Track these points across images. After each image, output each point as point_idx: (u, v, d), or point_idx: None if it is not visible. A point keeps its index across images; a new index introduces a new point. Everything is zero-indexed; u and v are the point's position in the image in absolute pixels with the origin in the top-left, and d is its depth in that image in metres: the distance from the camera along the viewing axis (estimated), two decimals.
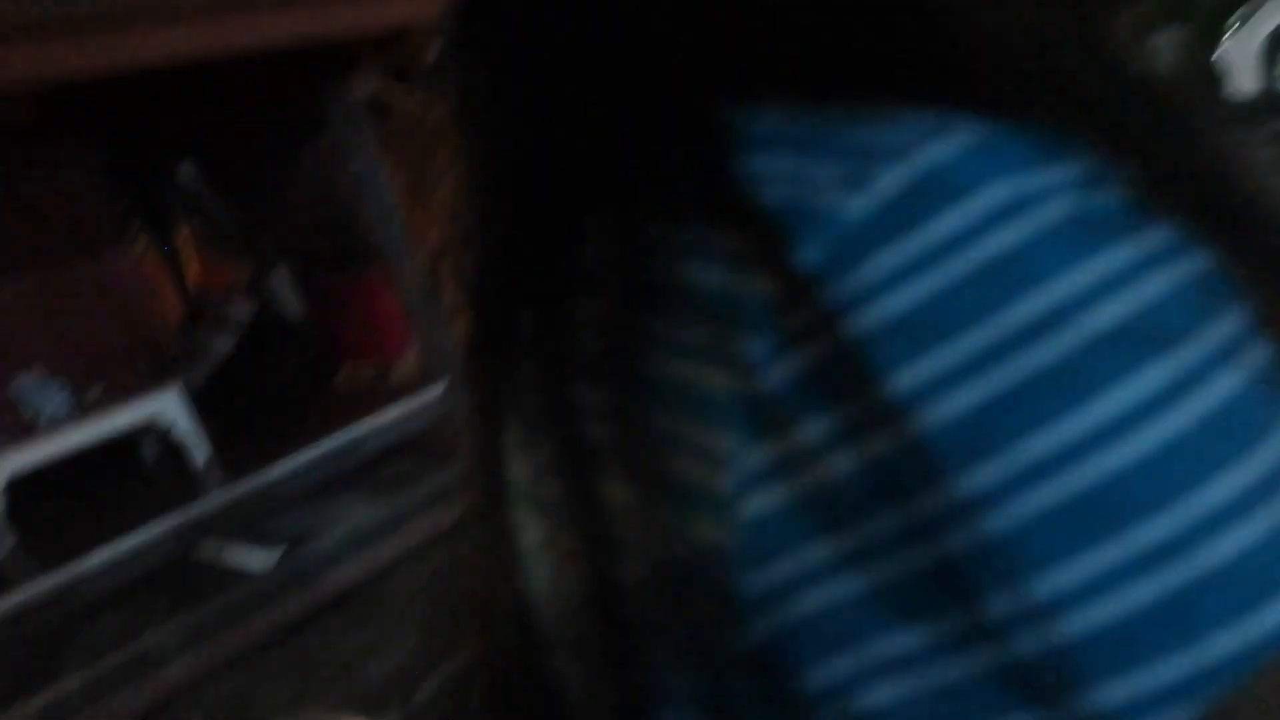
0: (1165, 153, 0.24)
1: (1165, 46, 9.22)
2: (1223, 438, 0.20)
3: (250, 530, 4.26)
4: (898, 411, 0.21)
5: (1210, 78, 7.82)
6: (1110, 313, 0.21)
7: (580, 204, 0.28)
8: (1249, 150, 0.26)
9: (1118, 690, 0.20)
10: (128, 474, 4.75)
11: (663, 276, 0.24)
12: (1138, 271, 0.21)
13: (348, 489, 4.69)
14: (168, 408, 4.44)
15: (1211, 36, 8.03)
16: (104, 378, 4.64)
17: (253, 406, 4.96)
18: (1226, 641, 0.20)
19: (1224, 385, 0.21)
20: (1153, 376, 0.20)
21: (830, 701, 0.22)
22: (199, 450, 4.50)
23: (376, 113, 5.34)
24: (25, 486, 4.02)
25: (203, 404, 4.60)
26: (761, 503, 0.22)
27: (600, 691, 0.27)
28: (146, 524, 3.91)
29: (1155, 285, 0.21)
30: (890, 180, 0.22)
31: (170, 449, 4.61)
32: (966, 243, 0.21)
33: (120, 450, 4.62)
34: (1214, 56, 7.83)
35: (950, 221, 0.21)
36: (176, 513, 4.02)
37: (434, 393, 4.90)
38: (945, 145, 0.22)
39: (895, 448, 0.21)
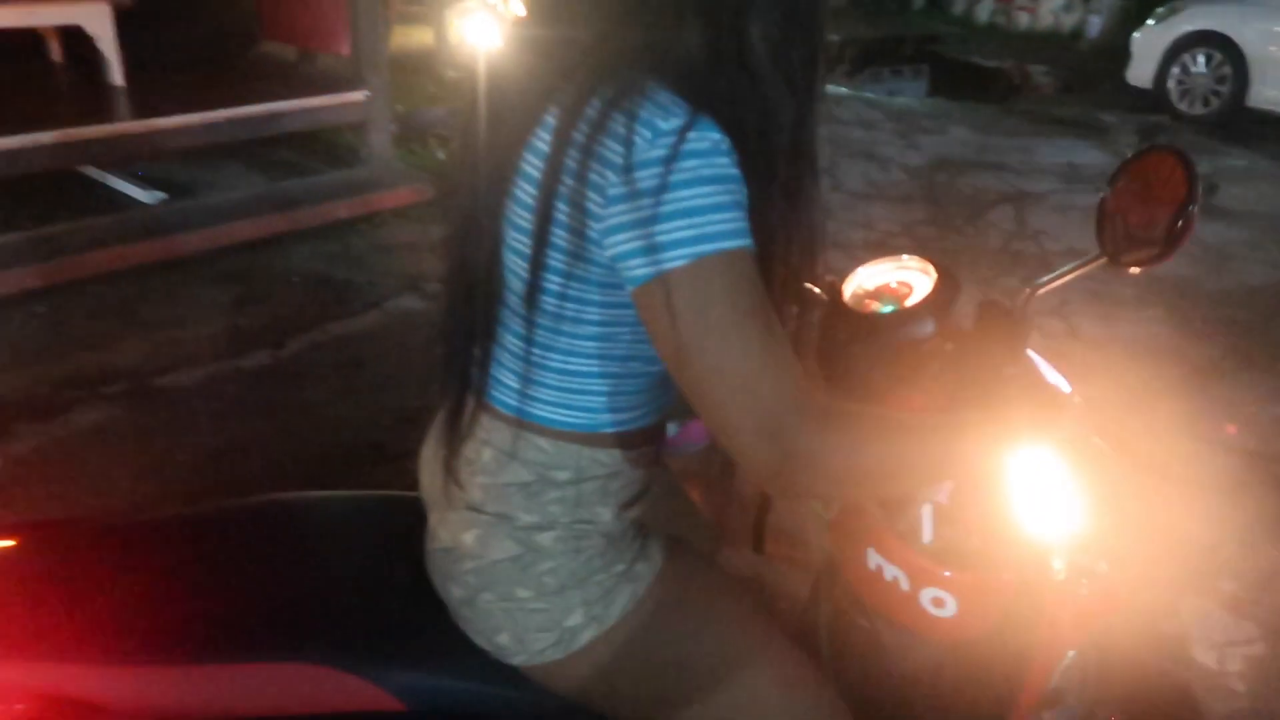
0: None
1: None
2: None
3: (137, 168, 4.58)
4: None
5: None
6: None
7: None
8: None
9: None
10: (31, 71, 4.85)
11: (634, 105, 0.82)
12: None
13: (235, 158, 5.03)
14: (94, 19, 4.43)
15: (1136, 18, 9.42)
16: None
17: (171, 53, 4.94)
18: None
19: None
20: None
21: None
22: (115, 71, 4.56)
23: None
24: None
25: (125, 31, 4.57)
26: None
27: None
28: (43, 127, 3.99)
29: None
30: None
31: (81, 63, 4.70)
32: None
33: (27, 44, 4.77)
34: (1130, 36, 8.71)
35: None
36: (74, 126, 4.10)
37: (353, 96, 4.88)
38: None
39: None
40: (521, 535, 1.01)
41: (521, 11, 0.95)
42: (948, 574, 1.20)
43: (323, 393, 3.19)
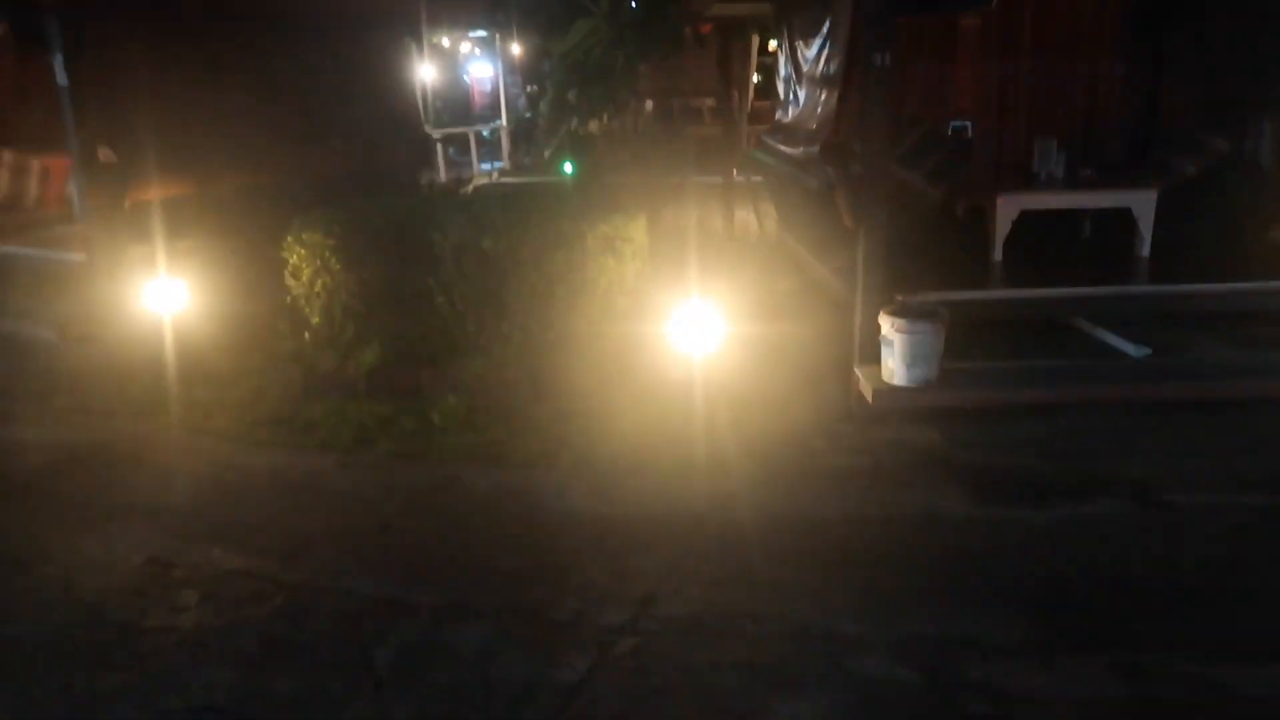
0: None
1: None
2: None
3: (1125, 323, 5.33)
4: None
5: None
6: None
7: None
8: None
9: None
10: (1069, 240, 6.24)
11: None
12: None
13: (1202, 330, 5.48)
14: (1141, 203, 5.62)
15: None
16: (1097, 162, 6.06)
17: (1195, 229, 5.83)
18: None
19: None
20: None
21: None
22: (1144, 245, 5.68)
23: None
24: (1025, 219, 5.60)
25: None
26: None
27: None
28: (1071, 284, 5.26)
29: None
30: None
31: (1109, 235, 5.97)
32: None
33: (1067, 218, 6.10)
34: None
35: None
36: (1112, 286, 5.28)
37: None
38: None
39: None
40: None
41: None
42: None
43: None
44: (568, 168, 9.07)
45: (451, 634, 3.01)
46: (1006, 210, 5.51)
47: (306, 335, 5.36)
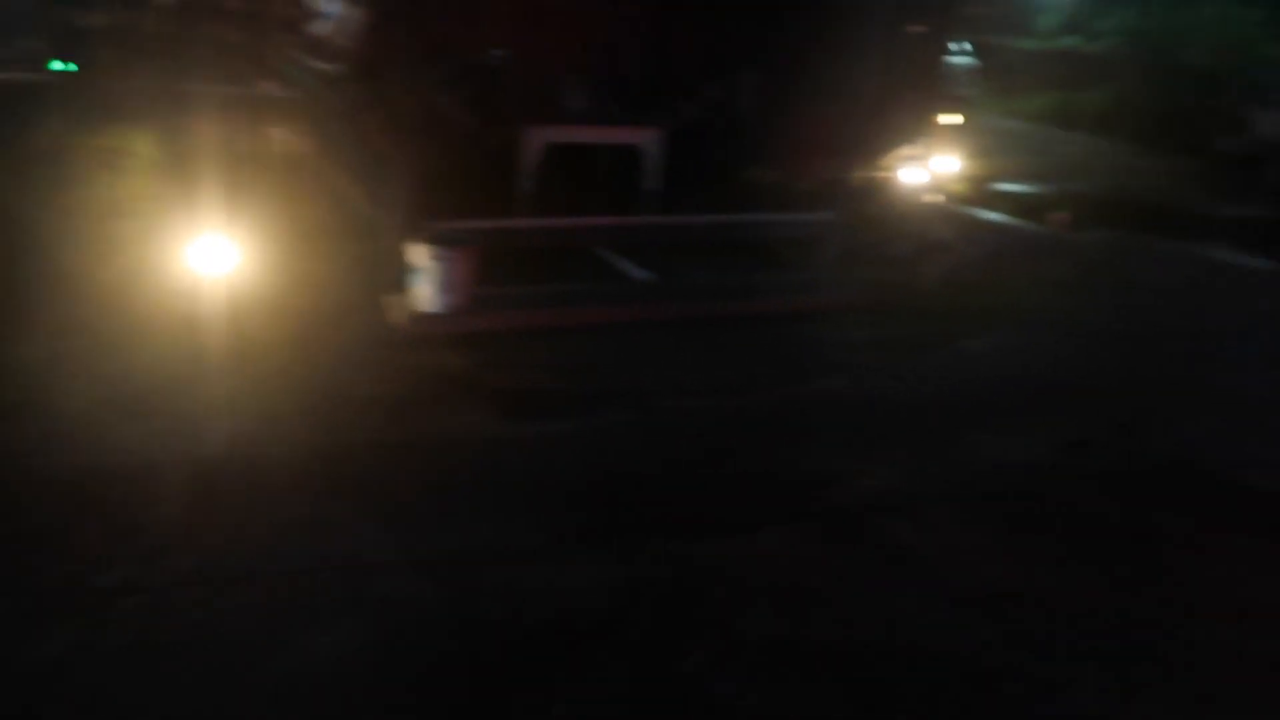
0: None
1: None
2: None
3: (635, 251, 5.95)
4: None
5: None
6: None
7: None
8: None
9: None
10: (585, 172, 6.45)
11: None
12: None
13: (694, 256, 6.15)
14: (647, 141, 6.16)
15: None
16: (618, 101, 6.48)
17: (693, 168, 6.39)
18: None
19: None
20: None
21: None
22: (650, 180, 6.21)
23: None
24: (552, 151, 5.90)
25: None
26: None
27: None
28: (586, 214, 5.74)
29: None
30: None
31: (621, 171, 6.31)
32: None
33: (584, 153, 6.37)
34: None
35: None
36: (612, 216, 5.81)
37: (823, 216, 6.16)
38: None
39: None
40: None
41: None
42: None
43: (769, 423, 4.18)
44: (58, 64, 7.78)
45: None
46: (534, 142, 5.80)
47: None
